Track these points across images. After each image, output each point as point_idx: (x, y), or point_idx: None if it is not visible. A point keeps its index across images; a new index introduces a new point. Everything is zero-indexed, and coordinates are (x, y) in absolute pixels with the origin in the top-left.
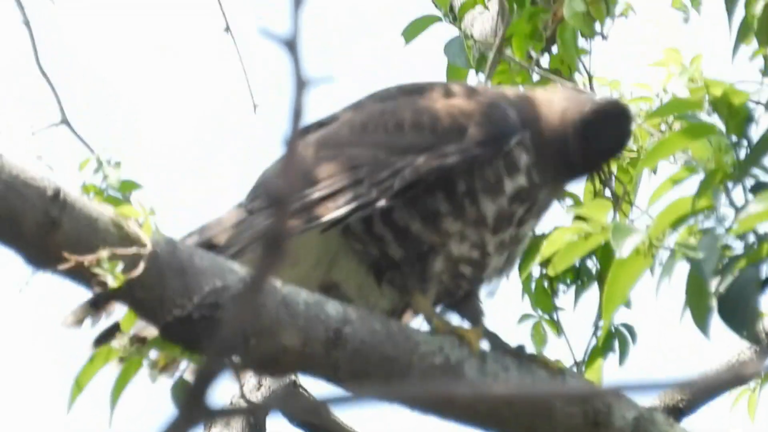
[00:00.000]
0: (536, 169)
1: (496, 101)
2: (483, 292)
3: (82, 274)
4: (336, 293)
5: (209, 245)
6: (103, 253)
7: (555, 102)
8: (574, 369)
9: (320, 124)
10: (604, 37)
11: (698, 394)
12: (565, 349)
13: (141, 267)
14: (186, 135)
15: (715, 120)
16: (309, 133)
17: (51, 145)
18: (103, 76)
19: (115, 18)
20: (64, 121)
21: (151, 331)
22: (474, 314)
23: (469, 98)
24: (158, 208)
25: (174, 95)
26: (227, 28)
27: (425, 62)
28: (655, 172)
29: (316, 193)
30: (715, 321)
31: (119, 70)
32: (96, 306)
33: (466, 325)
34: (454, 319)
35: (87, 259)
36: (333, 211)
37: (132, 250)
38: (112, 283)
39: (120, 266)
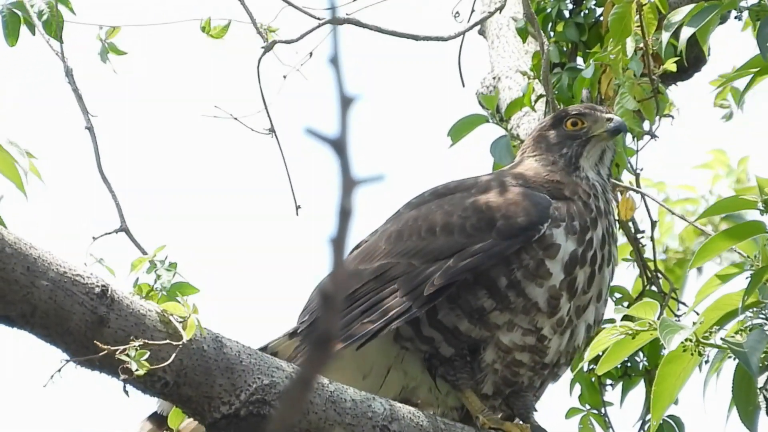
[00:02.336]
0: (578, 217)
1: (525, 191)
2: (549, 381)
3: (120, 367)
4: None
5: None
6: (135, 344)
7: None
8: None
9: (365, 242)
10: (653, 137)
11: None
12: None
13: (172, 357)
14: (236, 237)
15: (766, 219)
16: (353, 251)
17: (109, 250)
18: (161, 178)
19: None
20: (123, 228)
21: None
22: (524, 409)
23: (500, 190)
24: (212, 309)
25: (222, 198)
26: (272, 130)
27: (472, 162)
28: (700, 271)
29: (355, 310)
30: (764, 418)
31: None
32: (155, 421)
33: (516, 420)
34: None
35: (117, 348)
36: (368, 326)
37: (164, 342)
38: (137, 370)
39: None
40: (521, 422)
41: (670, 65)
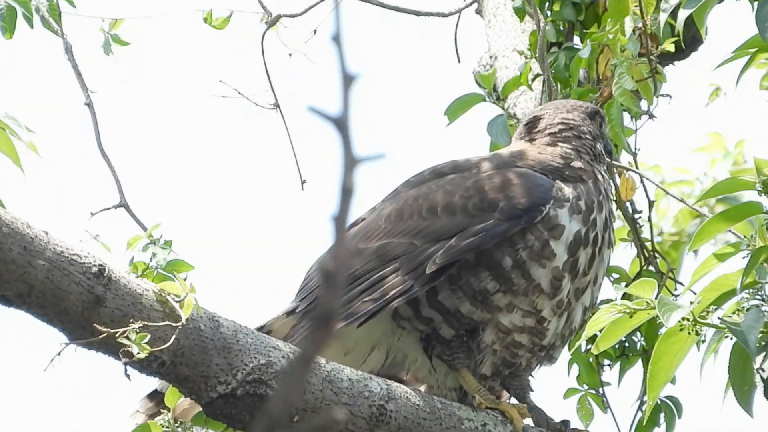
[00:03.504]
0: (585, 197)
1: (527, 172)
2: (545, 363)
3: (121, 350)
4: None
5: None
6: (134, 326)
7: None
8: None
9: (362, 219)
10: (651, 117)
11: None
12: (611, 423)
13: (172, 339)
14: (236, 214)
15: (764, 200)
16: (351, 227)
17: (109, 227)
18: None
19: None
20: (123, 203)
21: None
22: (520, 389)
23: (501, 170)
24: (208, 287)
25: (225, 173)
26: (276, 104)
27: (469, 140)
28: (696, 253)
29: (355, 289)
30: (760, 398)
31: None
32: (153, 398)
33: (512, 400)
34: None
35: (117, 331)
36: (369, 305)
37: (163, 324)
38: (138, 353)
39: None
40: (518, 402)
41: (669, 45)
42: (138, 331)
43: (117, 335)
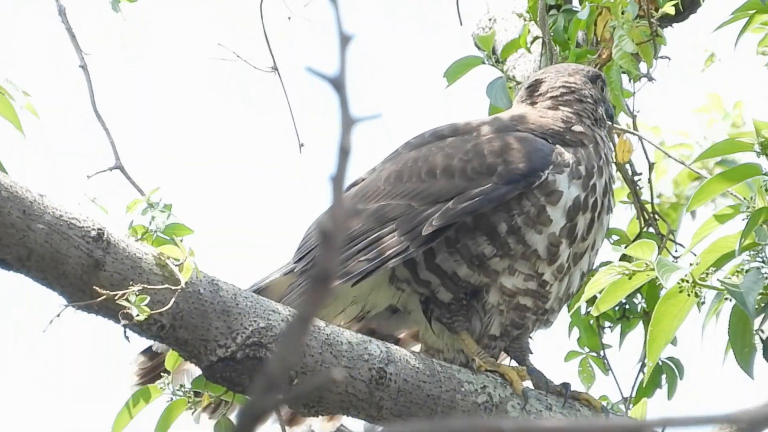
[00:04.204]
0: (586, 162)
1: (527, 136)
2: (541, 326)
3: (120, 312)
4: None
5: None
6: (134, 288)
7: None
8: (622, 406)
9: (362, 180)
10: (650, 79)
11: (741, 429)
12: (612, 385)
13: (171, 302)
14: (235, 176)
15: (763, 161)
16: (351, 188)
17: (105, 189)
18: (159, 119)
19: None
20: (119, 166)
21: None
22: (519, 351)
23: (501, 134)
24: (207, 250)
25: (220, 134)
26: (274, 67)
27: (468, 103)
28: (693, 215)
29: (352, 248)
30: (760, 360)
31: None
32: (148, 354)
33: (512, 363)
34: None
35: (117, 293)
36: (364, 264)
37: (162, 287)
38: (138, 316)
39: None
40: (517, 365)
41: (668, 8)
42: (137, 293)
43: (116, 297)
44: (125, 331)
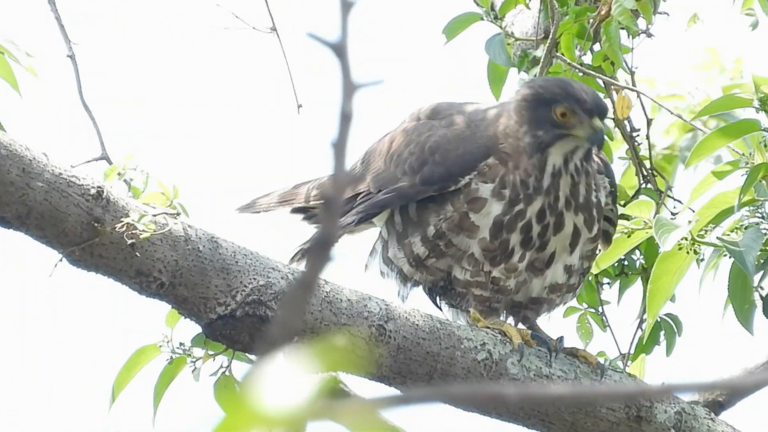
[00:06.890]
0: (523, 186)
1: (467, 139)
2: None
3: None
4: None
5: None
6: (134, 215)
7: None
8: (620, 362)
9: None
10: (649, 35)
11: (738, 388)
12: (610, 342)
13: (170, 224)
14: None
15: (762, 117)
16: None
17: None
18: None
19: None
20: (104, 156)
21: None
22: (526, 320)
23: (451, 132)
24: (205, 218)
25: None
26: (273, 29)
27: (467, 60)
28: (686, 167)
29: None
30: (759, 316)
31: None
32: None
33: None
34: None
35: (120, 222)
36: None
37: (160, 209)
38: (143, 232)
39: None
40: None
41: None
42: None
43: (119, 225)
44: (133, 247)
